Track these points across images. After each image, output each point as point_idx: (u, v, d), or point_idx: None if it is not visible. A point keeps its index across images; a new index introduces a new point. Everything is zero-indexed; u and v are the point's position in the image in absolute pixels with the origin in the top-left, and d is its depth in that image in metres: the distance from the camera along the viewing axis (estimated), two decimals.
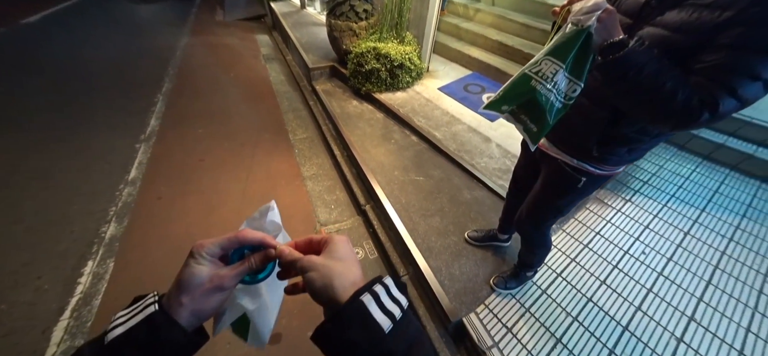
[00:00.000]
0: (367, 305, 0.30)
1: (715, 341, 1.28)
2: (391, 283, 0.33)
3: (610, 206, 1.90)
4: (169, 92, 3.35)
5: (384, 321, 0.29)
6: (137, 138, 2.63)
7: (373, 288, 0.32)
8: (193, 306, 0.33)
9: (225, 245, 0.36)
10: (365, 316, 0.29)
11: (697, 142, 2.32)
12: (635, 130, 0.81)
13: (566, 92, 0.72)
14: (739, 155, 2.17)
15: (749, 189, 2.03)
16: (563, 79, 0.71)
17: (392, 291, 0.33)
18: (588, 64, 0.70)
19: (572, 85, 0.71)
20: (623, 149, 0.86)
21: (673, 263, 1.58)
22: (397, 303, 0.32)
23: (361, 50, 2.80)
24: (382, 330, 0.29)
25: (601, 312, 1.38)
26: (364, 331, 0.29)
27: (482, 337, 1.30)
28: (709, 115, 0.61)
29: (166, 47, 4.46)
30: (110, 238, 1.83)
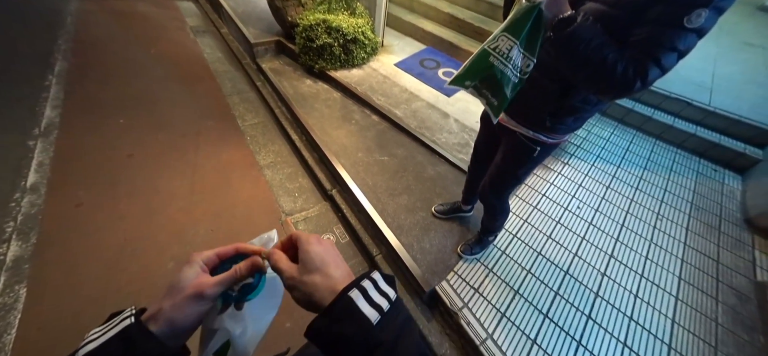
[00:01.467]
0: (355, 300, 0.31)
1: (627, 270, 1.61)
2: (379, 277, 0.35)
3: (553, 170, 2.17)
4: (66, 72, 2.68)
5: (372, 314, 0.30)
6: (29, 133, 2.09)
7: (361, 283, 0.33)
8: (171, 313, 0.32)
9: (221, 253, 0.38)
10: (353, 310, 0.30)
11: (614, 108, 2.73)
12: (580, 100, 0.91)
13: (521, 67, 0.77)
14: (641, 118, 2.63)
15: (648, 146, 2.50)
16: (518, 55, 0.75)
17: (380, 285, 0.34)
18: (539, 39, 0.75)
19: (526, 60, 0.77)
20: (570, 119, 0.97)
21: (599, 213, 1.90)
22: (386, 296, 0.33)
23: (309, 23, 2.57)
24: (370, 322, 0.30)
25: (548, 262, 1.61)
26: (353, 324, 0.30)
27: (453, 301, 1.42)
28: (641, 83, 0.71)
29: (48, 12, 3.47)
30: (14, 260, 1.48)
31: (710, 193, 2.14)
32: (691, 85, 2.74)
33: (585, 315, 1.42)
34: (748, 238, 1.85)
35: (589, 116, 0.99)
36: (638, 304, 1.48)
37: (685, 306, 1.49)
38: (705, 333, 1.40)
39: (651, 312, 1.45)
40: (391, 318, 0.31)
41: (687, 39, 0.66)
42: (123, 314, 0.33)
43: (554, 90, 0.91)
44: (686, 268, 1.65)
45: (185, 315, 0.33)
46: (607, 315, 1.42)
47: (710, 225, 1.91)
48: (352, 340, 0.29)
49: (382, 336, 0.30)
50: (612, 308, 1.45)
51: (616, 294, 1.51)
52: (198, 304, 0.34)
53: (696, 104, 2.52)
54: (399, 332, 0.31)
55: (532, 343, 1.31)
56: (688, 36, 0.66)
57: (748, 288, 1.58)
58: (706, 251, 1.75)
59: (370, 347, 0.29)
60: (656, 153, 2.43)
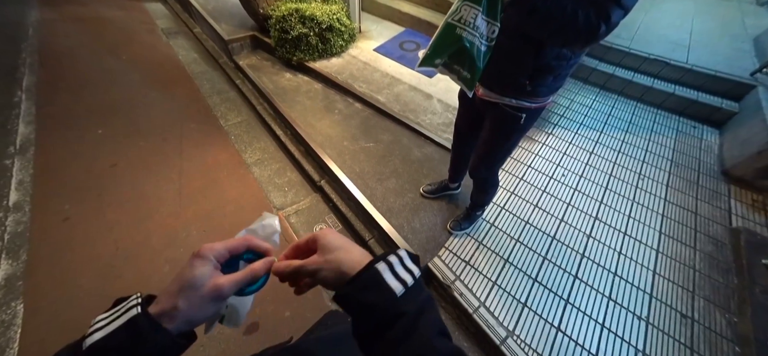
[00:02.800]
0: (381, 272, 0.33)
1: (611, 230, 1.67)
2: (405, 255, 0.37)
3: (538, 141, 2.20)
4: (35, 86, 2.58)
5: (397, 286, 0.32)
6: (4, 152, 2.03)
7: (388, 257, 0.35)
8: (190, 313, 0.32)
9: (231, 248, 0.37)
10: (379, 281, 0.32)
11: (595, 74, 2.76)
12: (554, 57, 0.91)
13: (487, 34, 0.78)
14: (622, 82, 2.66)
15: (630, 109, 2.55)
16: (482, 22, 0.76)
17: (405, 262, 0.36)
18: (499, 4, 0.75)
19: (491, 26, 0.77)
20: (550, 78, 0.97)
21: (584, 179, 1.95)
22: (410, 273, 0.35)
23: (281, 13, 2.49)
24: (394, 293, 0.32)
25: (536, 230, 1.66)
26: (378, 293, 0.32)
27: (446, 275, 1.47)
28: (605, 26, 0.72)
29: (8, 24, 3.31)
30: (6, 279, 1.47)
31: (689, 149, 2.21)
32: (669, 44, 2.77)
33: (572, 275, 1.48)
34: (724, 188, 1.93)
35: (567, 72, 1.00)
36: (622, 260, 1.54)
37: (665, 257, 1.56)
38: (684, 280, 1.47)
39: (634, 267, 1.52)
40: (414, 293, 0.33)
41: None
42: (129, 301, 0.32)
43: (526, 52, 0.91)
44: (666, 222, 1.72)
45: (204, 314, 0.34)
46: (592, 273, 1.49)
47: (689, 180, 1.98)
48: (376, 307, 0.31)
49: (405, 308, 0.31)
50: (597, 266, 1.52)
51: (601, 253, 1.57)
52: (216, 304, 0.34)
53: (674, 63, 2.56)
54: (421, 306, 0.32)
55: (523, 306, 1.37)
56: None
57: (724, 235, 1.66)
58: (685, 204, 1.82)
59: (394, 316, 0.31)
60: (637, 115, 2.48)
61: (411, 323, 0.30)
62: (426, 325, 0.31)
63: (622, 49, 2.71)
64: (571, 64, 0.96)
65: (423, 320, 0.31)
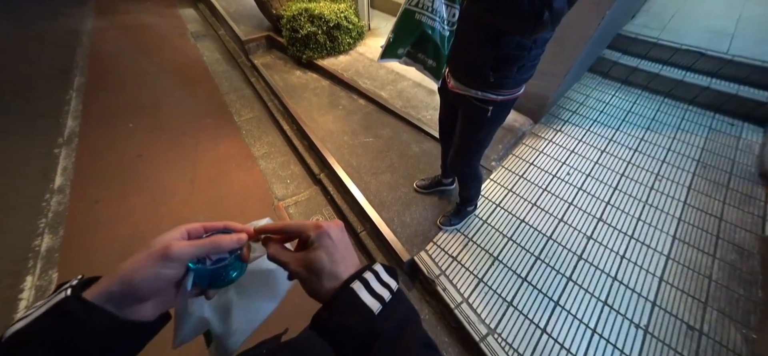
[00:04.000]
0: (356, 291, 0.31)
1: (616, 233, 1.56)
2: (380, 269, 0.35)
3: (544, 138, 2.10)
4: (84, 86, 2.94)
5: (373, 304, 0.31)
6: (54, 142, 2.34)
7: (363, 275, 0.33)
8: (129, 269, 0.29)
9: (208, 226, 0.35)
10: (355, 301, 0.31)
11: (617, 68, 2.56)
12: (514, 47, 0.89)
13: (447, 17, 0.77)
14: (647, 76, 2.44)
15: (654, 105, 2.33)
16: (441, 4, 0.75)
17: (382, 276, 0.34)
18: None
19: (450, 9, 0.77)
20: (513, 68, 0.95)
21: (591, 178, 1.83)
22: (387, 287, 0.33)
23: (292, 13, 2.61)
24: (371, 312, 0.30)
25: (531, 229, 1.60)
26: (355, 315, 0.30)
27: (431, 269, 1.46)
28: (549, 12, 0.70)
29: (68, 32, 3.80)
30: (47, 250, 1.71)
31: (722, 149, 1.98)
32: (708, 33, 2.50)
33: (565, 277, 1.41)
34: (760, 192, 1.71)
35: (533, 63, 0.97)
36: (624, 265, 1.44)
37: (676, 264, 1.42)
38: (696, 290, 1.34)
39: (637, 272, 1.41)
40: (393, 309, 0.31)
41: None
42: (67, 284, 0.28)
43: (485, 41, 0.90)
44: (683, 227, 1.57)
45: (143, 275, 0.29)
46: (588, 276, 1.40)
47: (717, 182, 1.78)
48: (354, 330, 0.29)
49: (384, 326, 0.30)
50: (594, 269, 1.43)
51: (600, 255, 1.47)
52: (161, 264, 0.30)
53: (711, 53, 2.30)
54: (401, 322, 0.31)
55: (508, 305, 1.33)
56: None
57: (752, 244, 1.48)
58: (708, 209, 1.65)
59: (372, 336, 0.29)
60: (663, 112, 2.27)
61: (391, 340, 0.29)
62: (408, 340, 0.30)
63: (649, 40, 2.49)
64: (534, 55, 0.93)
65: (404, 335, 0.30)
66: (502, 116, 1.14)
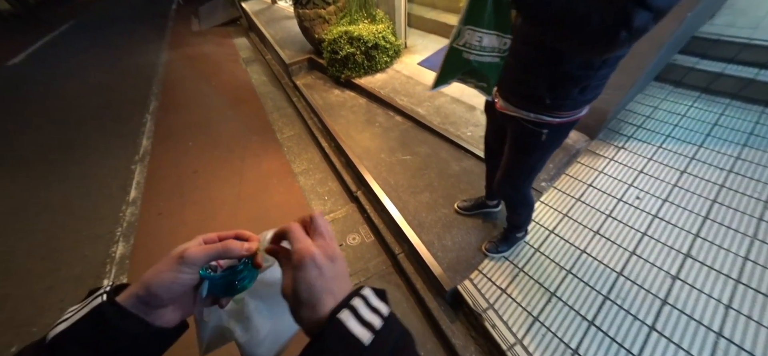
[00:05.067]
0: (344, 322, 0.29)
1: (712, 273, 1.27)
2: (369, 293, 0.32)
3: (603, 156, 1.86)
4: (156, 110, 3.38)
5: (364, 335, 0.29)
6: (132, 159, 2.68)
7: (350, 302, 0.31)
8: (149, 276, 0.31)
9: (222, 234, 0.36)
10: (343, 333, 0.29)
11: (693, 75, 2.21)
12: (577, 66, 0.77)
13: (498, 46, 0.71)
14: (739, 82, 2.06)
15: (751, 117, 1.94)
16: (490, 39, 0.69)
17: (371, 301, 0.32)
18: (507, 16, 0.68)
19: (502, 39, 0.70)
20: (575, 90, 0.83)
21: (669, 203, 1.55)
22: (377, 313, 0.31)
23: (333, 36, 2.74)
24: (362, 344, 0.28)
25: (595, 261, 1.38)
26: (344, 349, 0.28)
27: (477, 301, 1.32)
28: (627, 32, 0.58)
29: (146, 65, 4.46)
30: (120, 257, 1.92)
31: None
32: None
33: (646, 325, 1.16)
34: None
35: (600, 83, 0.83)
36: (732, 316, 1.15)
37: None
38: None
39: (753, 329, 1.11)
40: (385, 337, 0.30)
41: None
42: (100, 290, 0.31)
43: (543, 60, 0.79)
44: None
45: (161, 280, 0.31)
46: (680, 328, 1.14)
47: None
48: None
49: None
50: (688, 319, 1.16)
51: (694, 302, 1.20)
52: (176, 268, 0.31)
53: None
54: (393, 348, 0.29)
55: (573, 353, 1.13)
56: None
57: None
58: None
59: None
60: (763, 125, 1.88)
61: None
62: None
63: (739, 40, 2.12)
64: (602, 75, 0.80)
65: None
66: (558, 141, 1.01)
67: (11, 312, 1.66)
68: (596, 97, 0.88)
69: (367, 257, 1.76)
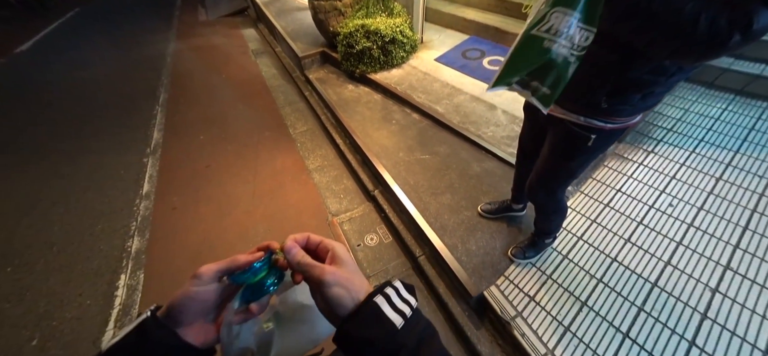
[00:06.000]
0: (380, 305, 0.32)
1: (754, 287, 1.22)
2: (400, 285, 0.36)
3: (631, 160, 1.79)
4: (166, 102, 3.34)
5: (396, 319, 0.32)
6: (144, 152, 2.66)
7: (385, 290, 0.34)
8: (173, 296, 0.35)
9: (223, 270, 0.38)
10: (379, 315, 0.32)
11: (727, 76, 2.12)
12: (649, 71, 0.71)
13: (579, 42, 0.63)
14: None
15: None
16: (576, 28, 0.61)
17: (402, 293, 0.35)
18: (600, 4, 0.59)
19: (585, 33, 0.62)
20: (636, 96, 0.77)
21: (705, 211, 1.49)
22: (407, 303, 0.34)
23: (349, 30, 2.66)
24: (394, 326, 0.31)
25: (627, 270, 1.33)
26: (379, 328, 0.31)
27: (505, 308, 1.28)
28: (741, 36, 0.51)
29: (156, 56, 4.40)
30: (136, 251, 1.90)
31: None
32: None
33: (686, 339, 1.12)
34: None
35: (665, 89, 0.77)
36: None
37: None
38: None
39: None
40: (414, 324, 0.33)
41: None
42: (145, 312, 0.35)
43: (612, 62, 0.73)
44: None
45: (180, 296, 0.35)
46: (722, 344, 1.10)
47: None
48: (377, 343, 0.31)
49: (405, 340, 0.31)
50: (731, 335, 1.11)
51: (735, 316, 1.15)
52: (192, 283, 0.35)
53: None
54: (421, 337, 0.32)
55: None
56: None
57: None
58: None
59: (395, 349, 0.31)
60: None
61: (412, 354, 0.30)
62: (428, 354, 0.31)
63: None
64: (671, 82, 0.74)
65: (424, 350, 0.31)
66: (605, 146, 0.95)
67: (30, 304, 1.66)
68: (657, 104, 0.81)
69: (386, 258, 1.73)
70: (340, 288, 0.33)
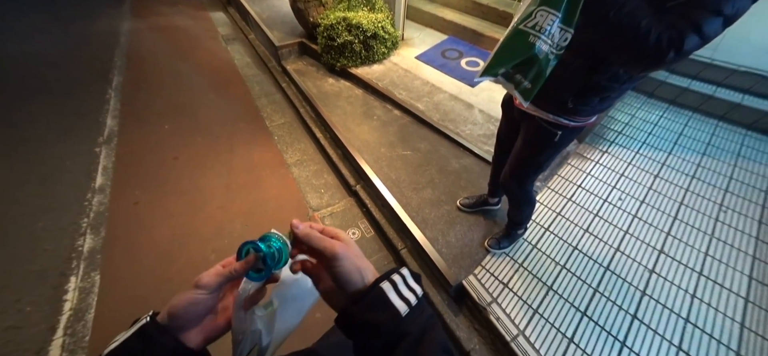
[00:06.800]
0: (386, 291, 0.32)
1: (681, 267, 1.45)
2: (407, 273, 0.36)
3: (590, 159, 2.00)
4: (122, 85, 3.01)
5: (401, 306, 0.32)
6: (95, 141, 2.38)
7: (391, 276, 0.34)
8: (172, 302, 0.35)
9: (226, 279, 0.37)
10: (384, 300, 0.32)
11: (664, 88, 2.44)
12: (608, 78, 0.83)
13: (558, 42, 0.71)
14: (700, 97, 2.32)
15: (709, 129, 2.20)
16: (557, 28, 0.69)
17: (408, 281, 0.35)
18: (579, 7, 0.68)
19: (564, 33, 0.70)
20: (596, 99, 0.89)
21: (645, 204, 1.72)
22: (413, 291, 0.34)
23: (330, 22, 2.61)
24: (399, 313, 0.31)
25: (585, 257, 1.50)
26: (384, 313, 0.31)
27: (481, 295, 1.38)
28: (675, 53, 0.62)
29: (106, 33, 3.92)
30: (89, 251, 1.71)
31: None
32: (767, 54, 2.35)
33: (630, 314, 1.30)
34: None
35: (618, 95, 0.91)
36: (697, 305, 1.32)
37: (758, 309, 1.30)
38: None
39: (713, 315, 1.29)
40: (418, 312, 0.33)
41: (737, 1, 0.58)
42: (142, 317, 0.35)
43: (581, 66, 0.84)
44: (759, 266, 1.44)
45: (181, 302, 0.34)
46: (656, 316, 1.29)
47: None
48: (381, 328, 0.31)
49: (409, 328, 0.31)
50: (663, 308, 1.32)
51: (667, 292, 1.36)
52: (193, 291, 0.35)
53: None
54: (424, 326, 0.32)
55: (569, 342, 1.23)
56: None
57: None
58: None
59: (398, 336, 0.30)
60: (719, 137, 2.14)
61: (415, 342, 0.30)
62: (430, 344, 0.31)
63: (702, 59, 2.36)
64: (623, 89, 0.87)
65: (427, 339, 0.31)
66: (567, 142, 1.08)
67: None
68: (610, 107, 0.94)
69: (369, 252, 1.76)
70: (350, 263, 0.34)
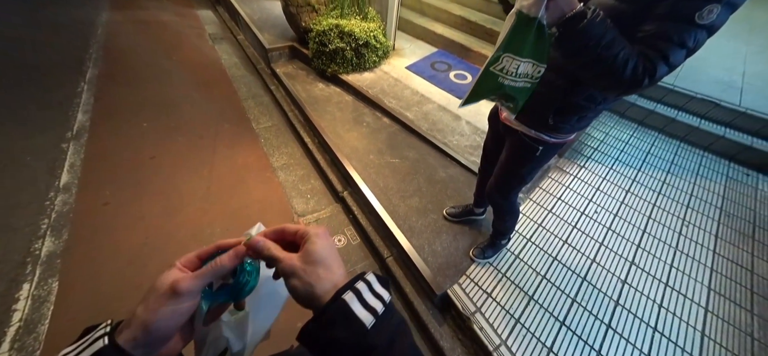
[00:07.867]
0: (349, 303, 0.30)
1: (649, 278, 1.54)
2: (373, 279, 0.33)
3: (568, 173, 2.11)
4: (96, 79, 2.84)
5: (366, 317, 0.30)
6: (63, 136, 2.22)
7: (355, 285, 0.32)
8: (145, 316, 0.29)
9: (201, 253, 0.35)
10: (347, 314, 0.29)
11: (633, 109, 2.63)
12: (585, 98, 0.89)
13: (532, 74, 0.76)
14: (664, 119, 2.51)
15: (672, 148, 2.39)
16: (526, 65, 0.74)
17: (374, 287, 0.33)
18: (547, 47, 0.73)
19: (536, 67, 0.76)
20: (574, 118, 0.95)
21: (618, 218, 1.82)
22: (380, 298, 0.32)
23: (322, 28, 2.62)
24: (364, 325, 0.29)
25: (564, 267, 1.56)
26: (347, 329, 0.29)
27: (466, 305, 1.40)
28: (649, 80, 0.69)
29: (82, 22, 3.71)
30: (47, 255, 1.57)
31: (742, 198, 2.02)
32: (719, 84, 2.60)
33: (604, 323, 1.36)
34: None
35: (594, 115, 0.98)
36: (663, 314, 1.40)
37: (716, 318, 1.40)
38: (739, 348, 1.31)
39: (678, 324, 1.37)
40: (385, 322, 0.30)
41: (697, 35, 0.65)
42: (97, 330, 0.30)
43: (560, 87, 0.90)
44: (716, 278, 1.56)
45: (159, 317, 0.30)
46: (628, 325, 1.36)
47: (743, 233, 1.79)
48: (344, 345, 0.29)
49: (376, 341, 0.29)
50: (634, 317, 1.39)
51: (638, 302, 1.44)
52: (173, 302, 0.30)
53: (725, 104, 2.39)
54: (393, 336, 0.30)
55: (548, 351, 1.27)
56: (698, 32, 0.65)
57: None
58: (738, 260, 1.65)
59: (364, 350, 0.28)
60: (681, 156, 2.32)
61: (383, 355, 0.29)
62: (399, 354, 0.30)
63: (665, 85, 2.57)
64: (599, 109, 0.94)
65: (396, 350, 0.29)
66: (549, 157, 1.13)
67: None
68: (588, 126, 1.01)
69: (354, 259, 1.74)
70: (296, 280, 0.31)
